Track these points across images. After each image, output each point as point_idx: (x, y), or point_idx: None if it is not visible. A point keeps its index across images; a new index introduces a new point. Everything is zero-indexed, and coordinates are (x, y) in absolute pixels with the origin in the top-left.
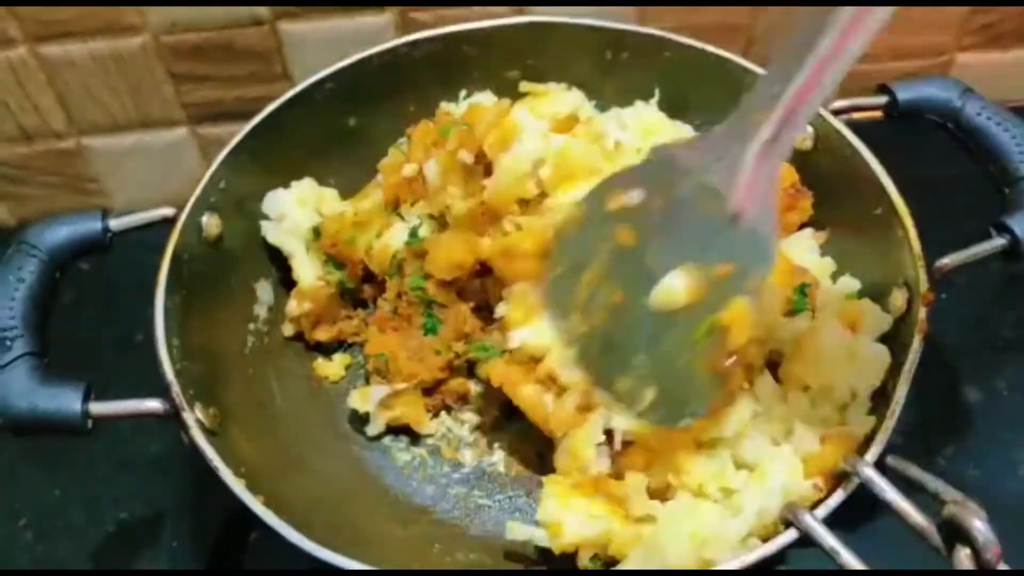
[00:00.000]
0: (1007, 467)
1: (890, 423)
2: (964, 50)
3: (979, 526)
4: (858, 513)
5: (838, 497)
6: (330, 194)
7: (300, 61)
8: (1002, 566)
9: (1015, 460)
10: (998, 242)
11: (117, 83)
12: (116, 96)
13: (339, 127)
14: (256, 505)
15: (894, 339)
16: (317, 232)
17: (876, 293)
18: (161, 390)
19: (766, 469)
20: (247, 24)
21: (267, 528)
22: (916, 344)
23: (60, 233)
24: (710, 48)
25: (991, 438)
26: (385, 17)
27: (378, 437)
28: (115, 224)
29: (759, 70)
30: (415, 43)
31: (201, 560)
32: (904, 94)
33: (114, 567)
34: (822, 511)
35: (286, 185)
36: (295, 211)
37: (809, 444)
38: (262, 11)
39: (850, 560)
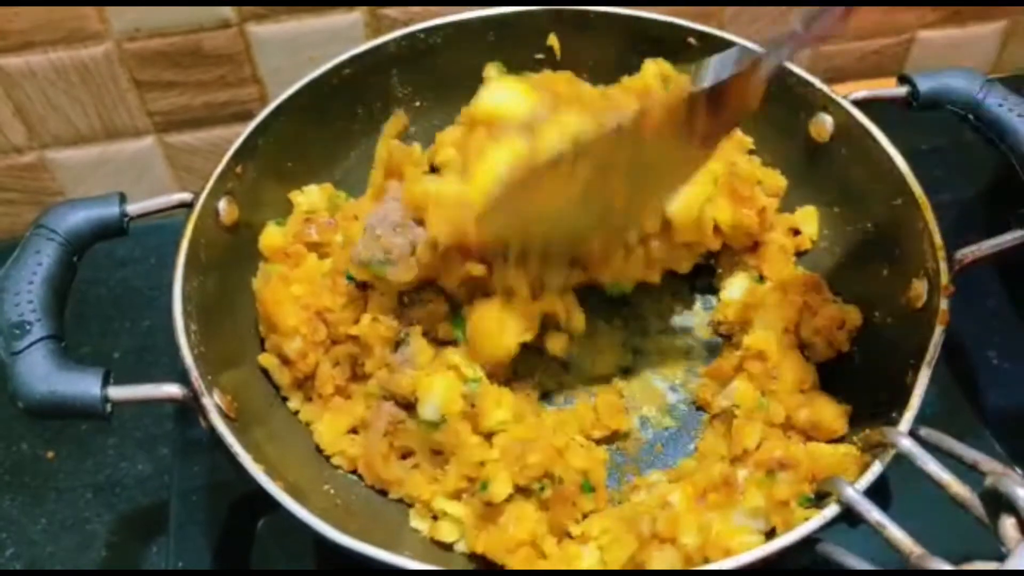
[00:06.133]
0: None
1: (910, 415)
2: (926, 27)
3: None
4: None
5: (876, 469)
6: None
7: (270, 63)
8: None
9: None
10: (1019, 233)
11: (80, 93)
12: (79, 106)
13: (357, 114)
14: (275, 490)
15: (915, 330)
16: None
17: (896, 284)
18: (179, 375)
19: None
20: (214, 27)
21: (278, 514)
22: (937, 335)
23: (78, 217)
24: None
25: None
26: (355, 15)
27: None
28: (132, 209)
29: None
30: (434, 28)
31: (207, 546)
32: (925, 84)
33: (119, 556)
34: (863, 483)
35: (302, 169)
36: None
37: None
38: (229, 13)
39: (896, 534)
